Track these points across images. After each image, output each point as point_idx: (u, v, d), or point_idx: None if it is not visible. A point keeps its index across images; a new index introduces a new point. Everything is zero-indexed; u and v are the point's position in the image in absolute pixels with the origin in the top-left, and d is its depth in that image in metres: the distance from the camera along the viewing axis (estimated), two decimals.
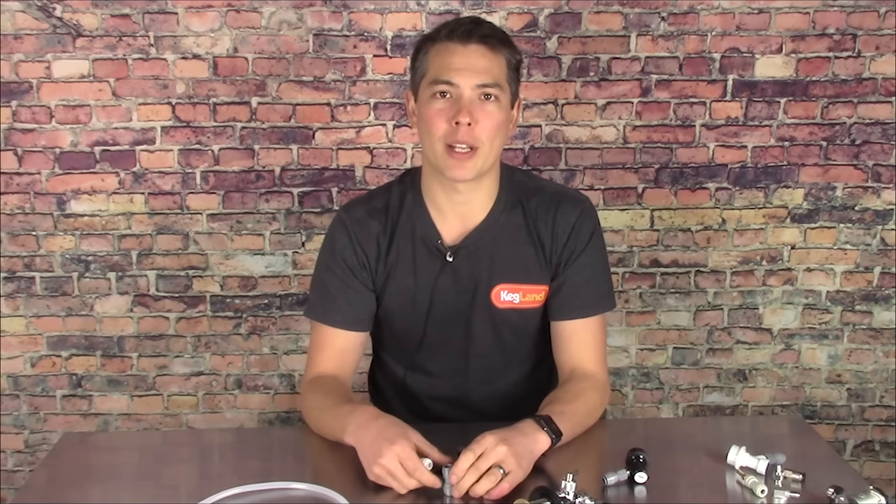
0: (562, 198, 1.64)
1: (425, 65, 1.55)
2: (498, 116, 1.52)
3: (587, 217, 1.63)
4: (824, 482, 1.33)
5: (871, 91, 2.63)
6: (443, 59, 1.52)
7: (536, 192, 1.64)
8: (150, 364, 2.76)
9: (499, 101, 1.52)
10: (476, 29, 1.53)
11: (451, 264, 1.61)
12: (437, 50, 1.54)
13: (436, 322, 1.64)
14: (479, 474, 1.31)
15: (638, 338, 2.79)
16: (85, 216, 2.66)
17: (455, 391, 1.69)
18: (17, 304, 2.71)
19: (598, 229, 1.64)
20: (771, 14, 2.59)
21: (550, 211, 1.62)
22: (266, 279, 2.72)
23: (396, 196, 1.65)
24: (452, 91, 1.51)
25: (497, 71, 1.52)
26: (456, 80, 1.50)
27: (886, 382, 2.81)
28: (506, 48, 1.55)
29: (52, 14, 2.55)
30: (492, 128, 1.51)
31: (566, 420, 1.46)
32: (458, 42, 1.52)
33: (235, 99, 2.61)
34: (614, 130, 2.66)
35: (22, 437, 2.80)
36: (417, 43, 1.60)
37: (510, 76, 1.55)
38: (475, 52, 1.51)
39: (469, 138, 1.50)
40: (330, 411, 1.51)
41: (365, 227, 1.63)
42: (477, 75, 1.50)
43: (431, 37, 1.57)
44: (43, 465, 1.57)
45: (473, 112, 1.50)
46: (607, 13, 2.58)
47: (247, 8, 2.56)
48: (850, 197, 2.70)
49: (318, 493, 1.36)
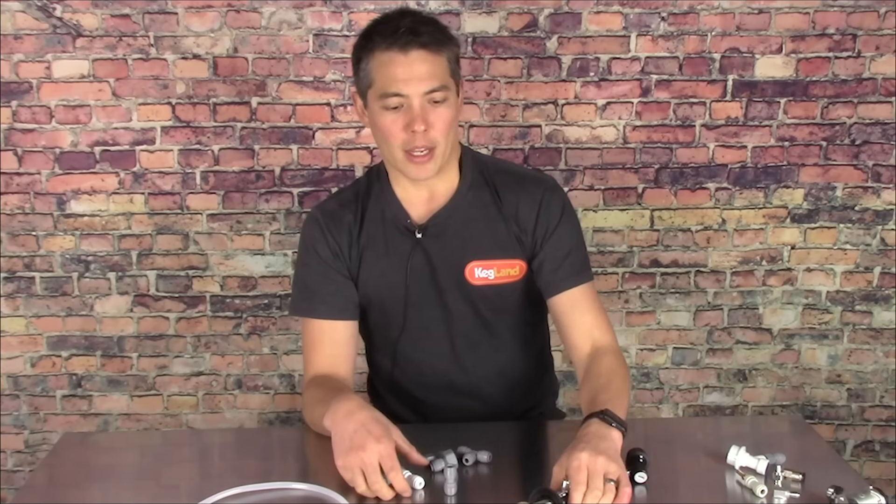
0: (525, 178, 1.68)
1: (370, 76, 1.55)
2: (448, 114, 1.55)
3: (553, 194, 1.65)
4: (824, 482, 1.34)
5: (871, 91, 2.63)
6: (387, 71, 1.52)
7: (501, 172, 1.68)
8: (150, 364, 2.76)
9: (447, 100, 1.55)
10: (414, 37, 1.51)
11: (421, 242, 1.63)
12: (379, 61, 1.53)
13: (413, 304, 1.65)
14: (601, 493, 1.25)
15: (638, 338, 2.79)
16: (85, 216, 2.66)
17: (444, 377, 1.70)
18: (17, 304, 2.71)
19: (567, 205, 1.67)
20: (771, 14, 2.59)
21: (515, 191, 1.65)
22: (266, 279, 2.72)
23: (364, 185, 1.70)
24: (402, 101, 1.52)
25: (441, 72, 1.54)
26: (404, 91, 1.51)
27: (886, 382, 2.81)
28: (444, 47, 1.55)
29: (52, 14, 2.55)
30: (444, 126, 1.54)
31: (619, 406, 1.46)
32: (399, 51, 1.51)
33: (235, 99, 2.61)
34: (614, 130, 2.66)
35: (22, 437, 2.80)
36: (356, 47, 1.58)
37: (453, 70, 1.57)
38: (417, 58, 1.51)
39: (425, 142, 1.53)
40: (321, 401, 1.51)
41: (336, 218, 1.67)
42: (423, 82, 1.51)
43: (369, 45, 1.54)
44: (43, 465, 1.57)
45: (427, 118, 1.52)
46: (607, 13, 2.58)
47: (247, 8, 2.56)
48: (850, 197, 2.70)
49: (318, 493, 1.36)
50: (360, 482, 1.33)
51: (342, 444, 1.36)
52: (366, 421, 1.37)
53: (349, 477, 1.34)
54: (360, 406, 1.41)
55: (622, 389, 1.53)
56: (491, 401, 1.71)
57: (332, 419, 1.41)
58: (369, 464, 1.32)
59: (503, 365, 1.71)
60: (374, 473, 1.32)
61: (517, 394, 1.72)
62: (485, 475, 1.44)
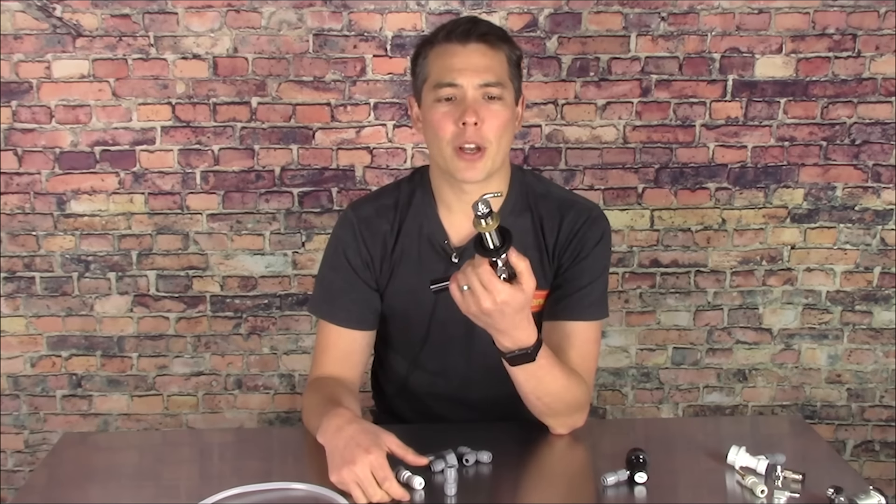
0: (570, 207, 1.62)
1: (426, 69, 1.55)
2: (503, 114, 1.52)
3: (593, 225, 1.61)
4: (824, 482, 1.33)
5: (871, 91, 2.63)
6: (443, 62, 1.52)
7: (545, 197, 1.63)
8: (150, 364, 2.76)
9: (503, 99, 1.52)
10: (474, 28, 1.52)
11: (456, 265, 1.59)
12: (436, 53, 1.53)
13: (439, 322, 1.63)
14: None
15: (638, 338, 2.79)
16: (85, 216, 2.66)
17: (457, 391, 1.69)
18: (17, 304, 2.71)
19: (605, 238, 1.62)
20: (771, 14, 2.59)
21: (556, 217, 1.61)
22: (266, 279, 2.72)
23: (406, 193, 1.65)
24: (456, 93, 1.51)
25: (498, 68, 1.52)
26: (458, 81, 1.50)
27: (886, 382, 2.81)
28: (505, 44, 1.55)
29: (52, 14, 2.55)
30: (498, 126, 1.51)
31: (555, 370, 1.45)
32: (457, 42, 1.51)
33: (235, 99, 2.61)
34: (614, 130, 2.66)
35: (22, 437, 2.80)
36: (416, 47, 1.59)
37: (512, 73, 1.55)
38: (475, 51, 1.51)
39: (476, 138, 1.49)
40: (316, 412, 1.50)
41: (372, 226, 1.63)
42: (479, 74, 1.50)
43: (429, 40, 1.56)
44: (43, 465, 1.57)
45: (479, 111, 1.49)
46: (607, 13, 2.58)
47: (247, 8, 2.56)
48: (850, 197, 2.70)
49: (318, 493, 1.36)
50: (357, 494, 1.32)
51: (334, 460, 1.36)
52: (354, 434, 1.36)
53: (347, 490, 1.34)
54: (349, 420, 1.40)
55: (564, 375, 1.49)
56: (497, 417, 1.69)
57: (324, 437, 1.41)
58: (363, 477, 1.32)
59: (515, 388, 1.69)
60: (370, 486, 1.32)
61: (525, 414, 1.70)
62: (485, 475, 1.44)
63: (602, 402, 2.82)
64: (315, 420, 1.49)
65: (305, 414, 1.59)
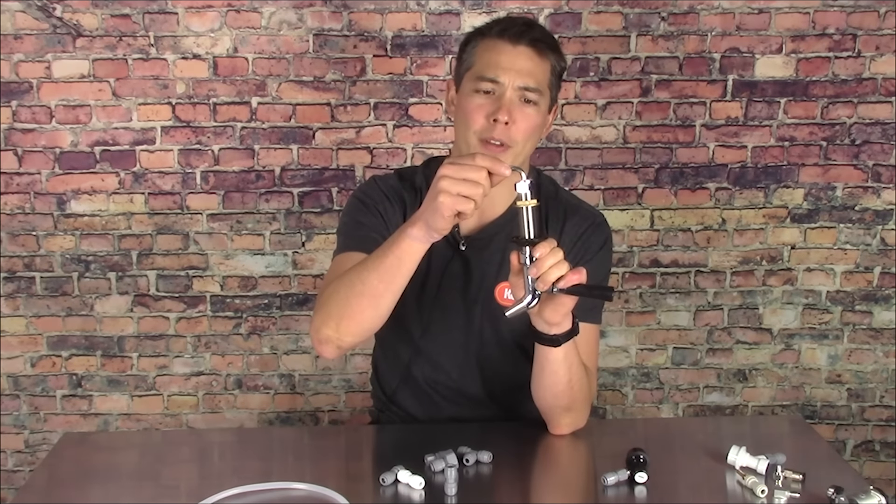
0: (575, 210, 1.66)
1: (472, 58, 1.57)
2: (535, 119, 1.55)
3: (597, 231, 1.65)
4: (824, 482, 1.34)
5: (871, 91, 2.63)
6: (490, 56, 1.54)
7: (553, 200, 1.66)
8: (150, 364, 2.76)
9: (538, 105, 1.55)
10: (528, 32, 1.55)
11: (462, 253, 1.62)
12: (485, 45, 1.56)
13: (441, 308, 1.65)
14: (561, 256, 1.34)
15: (638, 338, 2.79)
16: (85, 216, 2.66)
17: (456, 382, 1.69)
18: (17, 304, 2.71)
19: (607, 245, 1.66)
20: (771, 14, 2.59)
21: (561, 221, 1.64)
22: (266, 279, 2.72)
23: (422, 178, 1.67)
24: (495, 88, 1.53)
25: (541, 76, 1.55)
26: (501, 79, 1.52)
27: (886, 382, 2.81)
28: (553, 54, 1.58)
29: (52, 14, 2.55)
30: (527, 129, 1.54)
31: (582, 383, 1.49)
32: (508, 41, 1.54)
33: (235, 99, 2.61)
34: (614, 130, 2.66)
35: (22, 437, 2.80)
36: (467, 35, 1.62)
37: (552, 82, 1.58)
38: (523, 53, 1.54)
39: (504, 136, 1.52)
40: (372, 253, 1.46)
41: (398, 195, 1.66)
42: (521, 77, 1.53)
43: (482, 31, 1.59)
44: (43, 465, 1.57)
45: (512, 112, 1.52)
46: (607, 13, 2.58)
47: (247, 8, 2.56)
48: (850, 197, 2.70)
49: (318, 493, 1.36)
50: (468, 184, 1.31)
51: (432, 203, 1.34)
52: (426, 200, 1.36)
53: (466, 194, 1.31)
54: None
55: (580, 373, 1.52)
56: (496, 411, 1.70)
57: (418, 216, 1.38)
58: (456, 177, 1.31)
59: (515, 383, 1.70)
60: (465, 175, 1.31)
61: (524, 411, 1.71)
62: (485, 475, 1.44)
63: (602, 402, 2.82)
64: (378, 252, 1.44)
65: (326, 297, 1.48)
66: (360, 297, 1.44)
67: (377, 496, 1.37)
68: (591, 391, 1.59)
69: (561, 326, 1.44)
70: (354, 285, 1.44)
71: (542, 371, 1.51)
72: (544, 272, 1.33)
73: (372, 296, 1.43)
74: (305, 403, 2.80)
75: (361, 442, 1.60)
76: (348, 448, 1.58)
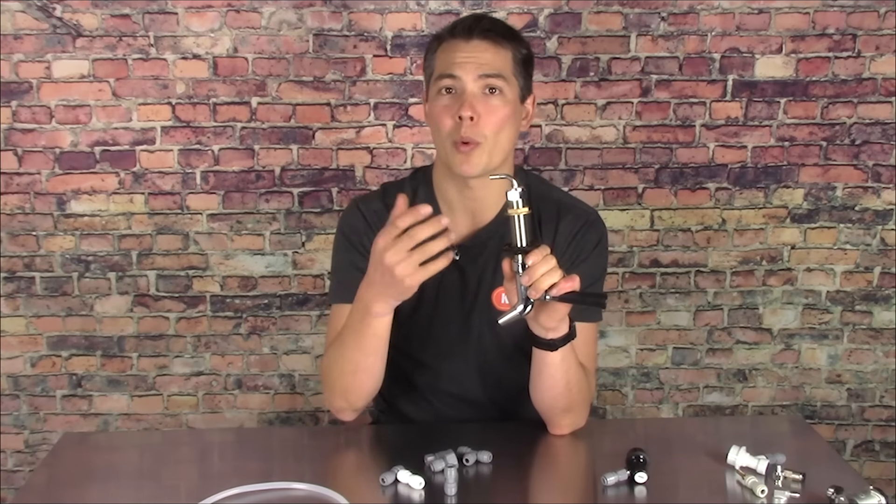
0: (567, 210, 1.64)
1: (433, 63, 1.57)
2: (502, 110, 1.52)
3: (591, 229, 1.63)
4: (824, 482, 1.34)
5: (871, 91, 2.63)
6: (447, 55, 1.54)
7: (545, 201, 1.64)
8: (150, 364, 2.76)
9: (503, 94, 1.52)
10: (477, 24, 1.54)
11: (456, 263, 1.59)
12: (443, 48, 1.56)
13: (440, 319, 1.64)
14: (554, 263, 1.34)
15: (638, 338, 2.79)
16: (85, 216, 2.66)
17: (458, 390, 1.69)
18: (17, 304, 2.71)
19: (602, 242, 1.64)
20: (771, 14, 2.59)
21: (554, 221, 1.62)
22: (266, 279, 2.72)
23: (409, 192, 1.65)
24: (456, 85, 1.52)
25: (500, 63, 1.53)
26: (458, 73, 1.51)
27: (886, 382, 2.81)
28: (510, 41, 1.56)
29: (52, 14, 2.55)
30: (496, 122, 1.51)
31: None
32: (461, 38, 1.53)
33: (235, 99, 2.61)
34: (614, 130, 2.66)
35: (22, 437, 2.80)
36: (428, 43, 1.62)
37: (517, 69, 1.56)
38: (478, 46, 1.53)
39: (472, 133, 1.50)
40: (343, 329, 1.51)
41: (382, 220, 1.61)
42: (478, 67, 1.51)
43: (439, 37, 1.59)
44: (43, 465, 1.57)
45: (476, 106, 1.50)
46: (607, 13, 2.58)
47: (247, 8, 2.56)
48: (850, 197, 2.70)
49: (318, 493, 1.36)
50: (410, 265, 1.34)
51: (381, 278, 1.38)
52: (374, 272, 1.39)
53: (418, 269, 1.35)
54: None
55: (578, 373, 1.53)
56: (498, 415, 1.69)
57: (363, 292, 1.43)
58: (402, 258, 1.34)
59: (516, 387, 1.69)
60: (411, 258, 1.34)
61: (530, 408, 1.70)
62: (485, 475, 1.44)
63: (602, 402, 2.82)
64: (346, 327, 1.49)
65: (325, 374, 1.55)
66: (354, 374, 1.52)
67: (377, 496, 1.36)
68: (589, 391, 1.58)
69: (557, 331, 1.43)
70: (344, 365, 1.52)
71: (540, 374, 1.51)
72: (536, 280, 1.32)
73: (364, 370, 1.51)
74: (305, 403, 2.80)
75: (361, 442, 1.60)
76: (348, 448, 1.57)
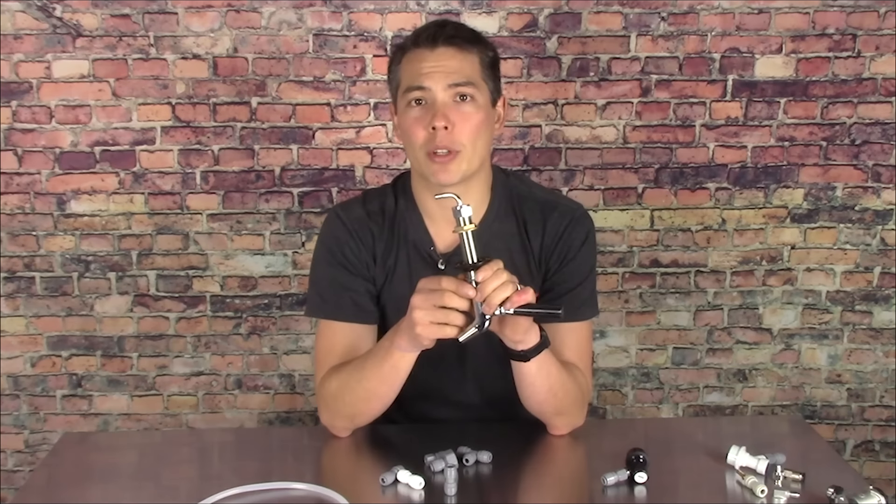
0: (554, 206, 1.62)
1: (398, 75, 1.54)
2: (476, 117, 1.50)
3: (578, 225, 1.61)
4: (824, 482, 1.34)
5: (871, 91, 2.63)
6: (412, 66, 1.51)
7: (529, 201, 1.63)
8: (150, 364, 2.76)
9: (475, 100, 1.51)
10: (440, 31, 1.51)
11: (442, 272, 1.57)
12: (407, 59, 1.53)
13: None
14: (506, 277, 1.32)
15: (638, 338, 2.79)
16: (85, 216, 2.66)
17: (452, 395, 1.68)
18: (17, 304, 2.71)
19: (590, 237, 1.62)
20: (771, 14, 2.59)
21: (540, 221, 1.61)
22: (266, 279, 2.72)
23: (391, 200, 1.64)
24: (426, 96, 1.50)
25: (469, 69, 1.51)
26: (427, 84, 1.49)
27: (886, 382, 2.81)
28: (475, 46, 1.53)
29: (52, 14, 2.55)
30: (471, 129, 1.49)
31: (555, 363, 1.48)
32: (426, 47, 1.50)
33: (235, 99, 2.61)
34: (614, 130, 2.66)
35: (22, 437, 2.80)
36: (390, 55, 1.59)
37: (485, 73, 1.53)
38: (443, 54, 1.50)
39: (448, 142, 1.48)
40: (365, 356, 1.51)
41: (364, 228, 1.61)
42: (447, 76, 1.49)
43: (401, 46, 1.56)
44: (43, 465, 1.57)
45: (449, 115, 1.48)
46: (607, 13, 2.58)
47: (247, 8, 2.56)
48: (850, 197, 2.70)
49: (318, 493, 1.36)
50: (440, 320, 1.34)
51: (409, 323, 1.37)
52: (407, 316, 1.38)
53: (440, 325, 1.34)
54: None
55: (568, 377, 1.52)
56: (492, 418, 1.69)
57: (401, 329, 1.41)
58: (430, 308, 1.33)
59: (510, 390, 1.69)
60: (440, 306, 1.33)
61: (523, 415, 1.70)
62: (485, 475, 1.44)
63: (602, 402, 2.82)
64: (369, 361, 1.49)
65: (341, 385, 1.53)
66: (368, 401, 1.52)
67: (377, 496, 1.37)
68: (581, 391, 1.56)
69: (526, 343, 1.41)
70: (357, 391, 1.51)
71: (521, 383, 1.50)
72: (488, 296, 1.31)
73: (378, 397, 1.52)
74: (305, 403, 2.80)
75: (361, 442, 1.60)
76: (348, 448, 1.57)
